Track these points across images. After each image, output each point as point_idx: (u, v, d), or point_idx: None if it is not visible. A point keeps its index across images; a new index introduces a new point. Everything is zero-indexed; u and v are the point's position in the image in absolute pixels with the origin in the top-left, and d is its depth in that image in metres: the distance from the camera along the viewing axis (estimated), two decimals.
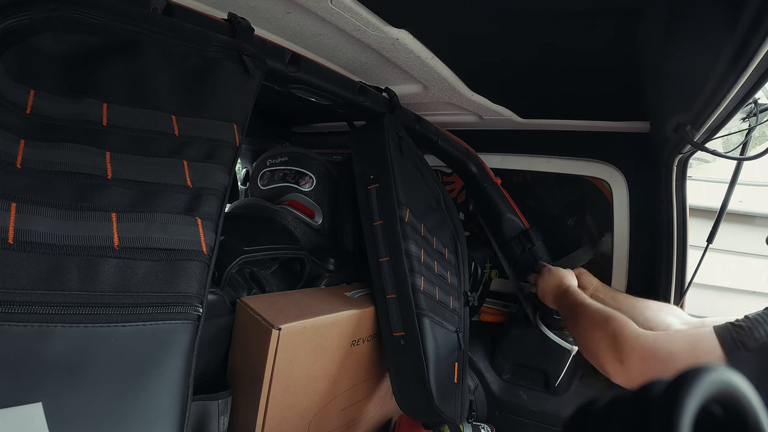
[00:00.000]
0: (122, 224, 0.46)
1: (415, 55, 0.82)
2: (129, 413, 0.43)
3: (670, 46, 0.65)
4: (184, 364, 0.48)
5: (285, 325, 0.66)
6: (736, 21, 0.47)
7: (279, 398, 0.69)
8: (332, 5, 0.65)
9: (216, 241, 0.53)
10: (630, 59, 0.76)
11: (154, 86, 0.53)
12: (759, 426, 0.21)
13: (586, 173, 1.27)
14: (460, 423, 1.00)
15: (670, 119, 0.87)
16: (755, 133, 0.88)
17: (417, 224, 0.92)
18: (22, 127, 0.44)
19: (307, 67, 0.74)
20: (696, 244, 1.12)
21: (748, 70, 0.55)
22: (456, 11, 0.68)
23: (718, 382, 0.20)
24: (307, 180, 1.06)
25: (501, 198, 1.23)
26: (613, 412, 0.23)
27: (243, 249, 0.73)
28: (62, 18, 0.47)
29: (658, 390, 0.21)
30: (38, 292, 0.40)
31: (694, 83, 0.67)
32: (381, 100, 0.93)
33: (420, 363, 0.84)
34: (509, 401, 1.25)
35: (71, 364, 0.41)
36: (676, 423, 0.19)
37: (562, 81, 0.94)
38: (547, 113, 1.20)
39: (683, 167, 1.07)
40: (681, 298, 1.14)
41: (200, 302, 0.50)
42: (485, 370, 1.29)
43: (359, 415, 0.94)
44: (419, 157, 1.04)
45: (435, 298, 0.92)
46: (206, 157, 0.55)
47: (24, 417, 0.38)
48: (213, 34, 0.59)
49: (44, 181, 0.43)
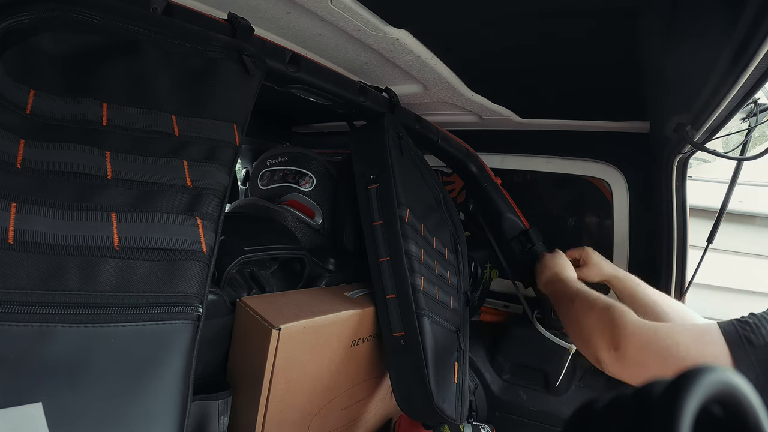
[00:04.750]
0: (122, 224, 0.46)
1: (415, 55, 0.82)
2: (129, 413, 0.43)
3: (670, 46, 0.65)
4: (184, 364, 0.48)
5: (285, 325, 0.66)
6: (737, 21, 0.47)
7: (279, 398, 0.69)
8: (332, 5, 0.65)
9: (216, 241, 0.53)
10: (630, 59, 0.76)
11: (154, 86, 0.53)
12: (759, 426, 0.21)
13: (586, 173, 1.27)
14: (460, 423, 1.00)
15: (670, 119, 0.87)
16: (755, 133, 0.88)
17: (417, 224, 0.92)
18: (22, 127, 0.44)
19: (307, 67, 0.74)
20: (696, 244, 1.12)
21: (748, 70, 0.55)
22: (456, 11, 0.68)
23: (718, 382, 0.20)
24: (307, 180, 1.06)
25: (501, 198, 1.23)
26: (613, 412, 0.23)
27: (243, 249, 0.72)
28: (62, 18, 0.47)
29: (658, 390, 0.21)
30: (38, 292, 0.40)
31: (695, 83, 0.67)
32: (381, 100, 0.93)
33: (420, 363, 0.84)
34: (509, 401, 1.25)
35: (71, 364, 0.41)
36: (676, 423, 0.19)
37: (562, 81, 0.94)
38: (547, 113, 1.20)
39: (683, 167, 1.07)
40: (681, 298, 1.14)
41: (200, 302, 0.50)
42: (485, 370, 1.29)
43: (359, 415, 0.94)
44: (419, 157, 1.04)
45: (435, 298, 0.92)
46: (206, 157, 0.55)
47: (24, 417, 0.38)
48: (213, 34, 0.59)
49: (44, 181, 0.43)
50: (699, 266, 1.07)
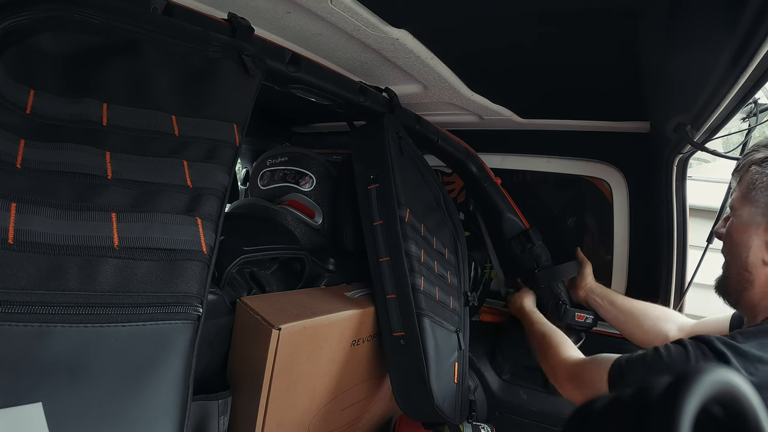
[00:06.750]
0: (122, 224, 0.46)
1: (415, 55, 0.82)
2: (129, 413, 0.43)
3: (670, 46, 0.65)
4: (184, 364, 0.48)
5: (285, 325, 0.66)
6: (737, 21, 0.47)
7: (279, 398, 0.69)
8: (332, 5, 0.65)
9: (216, 241, 0.53)
10: (630, 59, 0.76)
11: (154, 86, 0.53)
12: (759, 426, 0.21)
13: (586, 173, 1.27)
14: (460, 423, 1.00)
15: (670, 119, 0.87)
16: (755, 133, 0.88)
17: (417, 224, 0.92)
18: (22, 127, 0.44)
19: (307, 67, 0.74)
20: (696, 244, 1.12)
21: (748, 71, 0.55)
22: (456, 11, 0.68)
23: (718, 382, 0.20)
24: (307, 180, 1.06)
25: (501, 198, 1.23)
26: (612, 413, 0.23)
27: (243, 249, 0.72)
28: (62, 18, 0.47)
29: (657, 390, 0.21)
30: (38, 292, 0.40)
31: (694, 83, 0.67)
32: (381, 100, 0.93)
33: (420, 363, 0.84)
34: (509, 401, 1.25)
35: (71, 364, 0.41)
36: (676, 423, 0.19)
37: (562, 81, 0.94)
38: (547, 113, 1.20)
39: (683, 167, 1.07)
40: (681, 298, 1.14)
41: (200, 302, 0.50)
42: (485, 370, 1.29)
43: (359, 414, 0.94)
44: (419, 157, 1.04)
45: (435, 298, 0.92)
46: (206, 157, 0.55)
47: (24, 417, 0.38)
48: (213, 34, 0.59)
49: (44, 181, 0.43)
50: (699, 266, 1.07)
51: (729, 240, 0.73)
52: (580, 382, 0.77)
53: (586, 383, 0.75)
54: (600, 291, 1.12)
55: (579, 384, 0.78)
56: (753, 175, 0.68)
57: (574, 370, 0.81)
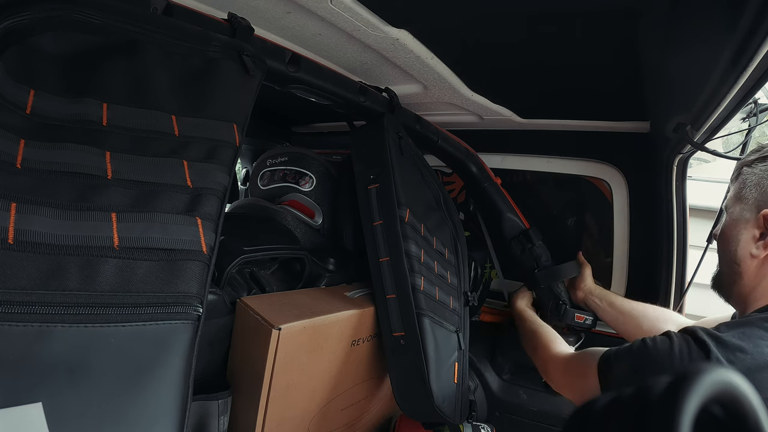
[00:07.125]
0: (122, 224, 0.46)
1: (415, 55, 0.82)
2: (129, 413, 0.43)
3: (670, 46, 0.65)
4: (184, 364, 0.48)
5: (285, 325, 0.66)
6: (737, 21, 0.47)
7: (279, 398, 0.69)
8: (332, 5, 0.65)
9: (216, 241, 0.53)
10: (630, 59, 0.76)
11: (154, 86, 0.53)
12: (759, 426, 0.21)
13: (586, 173, 1.27)
14: (460, 423, 1.00)
15: (670, 119, 0.87)
16: (755, 133, 0.88)
17: (417, 224, 0.92)
18: (22, 127, 0.44)
19: (307, 67, 0.74)
20: (696, 244, 1.12)
21: (748, 70, 0.55)
22: (456, 11, 0.68)
23: (718, 382, 0.20)
24: (307, 180, 1.06)
25: (501, 198, 1.23)
26: (612, 412, 0.23)
27: (243, 249, 0.72)
28: (62, 18, 0.47)
29: (658, 390, 0.21)
30: (38, 292, 0.40)
31: (694, 83, 0.67)
32: (381, 100, 0.93)
33: (420, 363, 0.84)
34: (509, 401, 1.25)
35: (71, 364, 0.41)
36: (676, 423, 0.19)
37: (562, 81, 0.94)
38: (547, 113, 1.20)
39: (683, 167, 1.07)
40: (681, 298, 1.14)
41: (200, 302, 0.50)
42: (485, 370, 1.29)
43: (359, 415, 0.94)
44: (419, 157, 1.04)
45: (435, 298, 0.92)
46: (206, 157, 0.55)
47: (24, 417, 0.38)
48: (213, 34, 0.59)
49: (44, 181, 0.43)
50: (699, 266, 1.07)
51: (722, 236, 0.75)
52: (571, 376, 0.78)
53: (576, 376, 0.76)
54: (599, 292, 1.13)
55: (569, 378, 0.79)
56: (744, 175, 0.72)
57: (564, 364, 0.82)
